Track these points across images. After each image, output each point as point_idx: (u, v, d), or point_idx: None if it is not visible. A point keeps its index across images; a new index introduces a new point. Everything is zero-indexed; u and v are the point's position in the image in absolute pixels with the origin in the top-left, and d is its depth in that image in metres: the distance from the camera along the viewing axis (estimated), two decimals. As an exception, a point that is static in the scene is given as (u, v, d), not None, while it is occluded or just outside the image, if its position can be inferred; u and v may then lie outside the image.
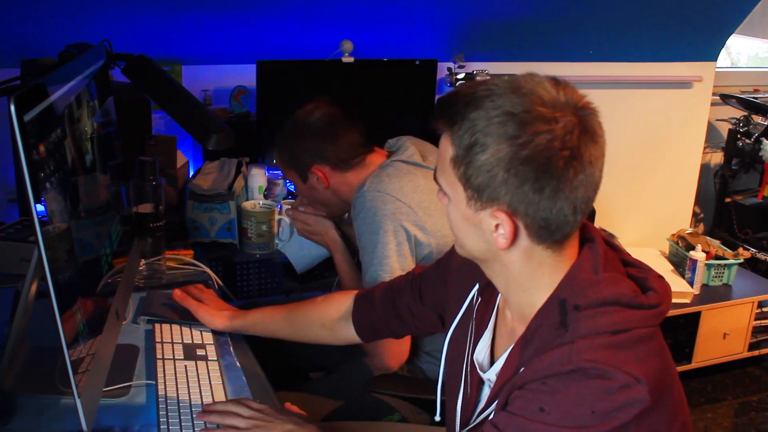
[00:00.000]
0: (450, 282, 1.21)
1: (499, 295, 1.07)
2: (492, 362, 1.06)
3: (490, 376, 1.04)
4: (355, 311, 1.37)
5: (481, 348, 1.08)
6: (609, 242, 1.01)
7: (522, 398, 0.89)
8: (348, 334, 1.38)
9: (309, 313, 1.43)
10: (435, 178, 0.98)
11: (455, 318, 1.15)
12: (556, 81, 0.90)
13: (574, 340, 0.87)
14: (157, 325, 1.48)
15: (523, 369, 0.92)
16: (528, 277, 0.95)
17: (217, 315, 1.48)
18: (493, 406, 0.98)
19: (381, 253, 1.52)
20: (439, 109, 0.94)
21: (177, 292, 1.52)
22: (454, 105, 0.91)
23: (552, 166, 0.86)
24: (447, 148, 0.92)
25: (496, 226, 0.91)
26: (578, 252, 0.96)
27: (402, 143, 1.72)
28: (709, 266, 3.03)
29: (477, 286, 1.11)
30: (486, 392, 1.06)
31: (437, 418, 1.18)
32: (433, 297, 1.27)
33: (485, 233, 0.93)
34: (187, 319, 1.50)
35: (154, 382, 1.27)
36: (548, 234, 0.91)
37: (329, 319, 1.40)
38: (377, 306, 1.34)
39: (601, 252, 0.94)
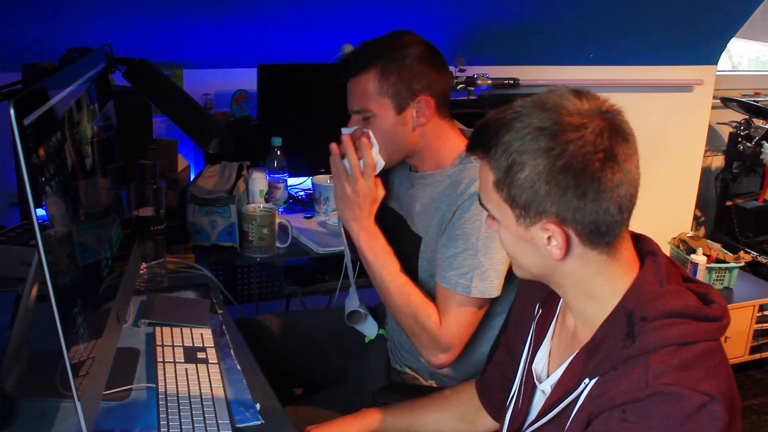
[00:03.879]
0: (519, 321, 1.22)
1: (559, 304, 1.09)
2: (549, 372, 1.06)
3: (546, 386, 1.05)
4: (482, 399, 1.35)
5: (539, 358, 1.09)
6: (669, 258, 1.02)
7: (604, 427, 0.89)
8: (487, 421, 1.36)
9: (442, 409, 1.39)
10: (482, 205, 1.01)
11: (525, 345, 1.15)
12: (577, 91, 0.94)
13: (647, 360, 0.88)
14: (158, 329, 1.48)
15: (593, 389, 0.92)
16: (588, 284, 0.97)
17: None
18: (547, 417, 0.99)
19: (488, 265, 1.44)
20: (474, 139, 0.98)
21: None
22: (486, 132, 0.96)
23: (589, 170, 0.89)
24: (487, 174, 0.96)
25: (549, 238, 0.94)
26: (638, 262, 0.98)
27: None
28: (710, 270, 3.02)
29: (538, 305, 1.13)
30: (538, 402, 1.06)
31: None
32: (518, 347, 1.28)
33: (539, 248, 0.95)
34: (188, 322, 1.50)
35: (154, 385, 1.27)
36: (600, 237, 0.93)
37: (467, 412, 1.37)
38: (495, 386, 1.32)
39: (664, 265, 0.96)
